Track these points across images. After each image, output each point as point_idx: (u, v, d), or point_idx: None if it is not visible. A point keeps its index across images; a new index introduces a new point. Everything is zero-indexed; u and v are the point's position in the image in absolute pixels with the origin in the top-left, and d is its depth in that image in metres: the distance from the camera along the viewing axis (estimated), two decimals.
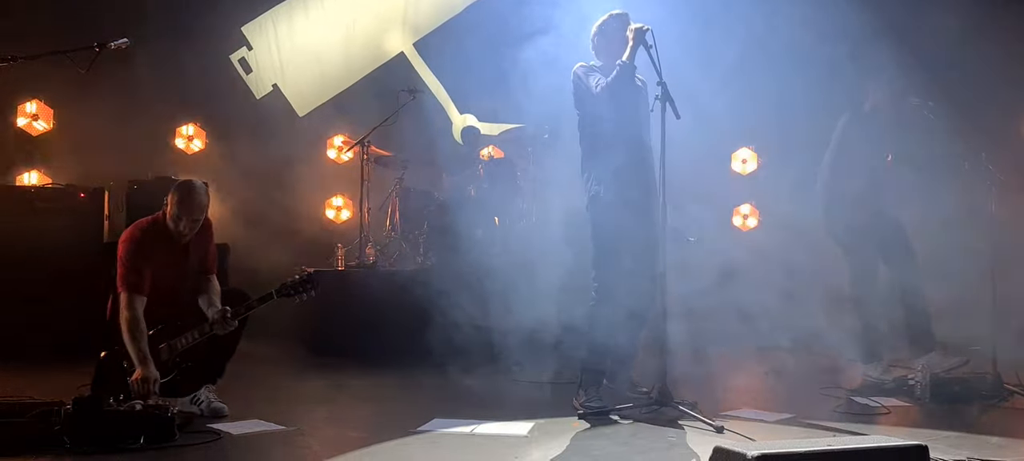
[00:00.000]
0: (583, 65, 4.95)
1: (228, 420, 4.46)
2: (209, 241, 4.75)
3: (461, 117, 9.10)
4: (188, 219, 4.50)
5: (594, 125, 4.92)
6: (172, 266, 4.56)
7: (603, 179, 4.85)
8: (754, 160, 8.98)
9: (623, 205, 4.78)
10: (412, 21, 9.07)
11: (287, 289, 4.58)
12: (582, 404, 4.74)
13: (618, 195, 4.80)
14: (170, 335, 4.48)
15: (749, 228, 8.91)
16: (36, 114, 7.98)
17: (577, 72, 4.93)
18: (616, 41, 4.85)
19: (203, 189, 4.59)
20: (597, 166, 4.89)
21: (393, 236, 7.90)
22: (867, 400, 5.17)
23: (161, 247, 4.54)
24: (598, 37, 4.99)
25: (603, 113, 4.83)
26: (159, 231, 4.55)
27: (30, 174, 7.88)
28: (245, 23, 8.64)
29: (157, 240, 4.54)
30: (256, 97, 8.70)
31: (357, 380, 5.89)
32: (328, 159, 8.82)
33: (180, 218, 4.48)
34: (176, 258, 4.58)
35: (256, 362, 6.30)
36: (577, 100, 4.96)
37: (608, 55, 4.89)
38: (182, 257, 4.60)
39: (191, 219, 4.51)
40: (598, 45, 5.00)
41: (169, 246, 4.56)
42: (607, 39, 4.94)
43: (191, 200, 4.50)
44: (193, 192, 4.52)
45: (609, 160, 4.83)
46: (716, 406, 4.90)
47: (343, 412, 5.00)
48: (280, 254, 7.98)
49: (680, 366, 5.29)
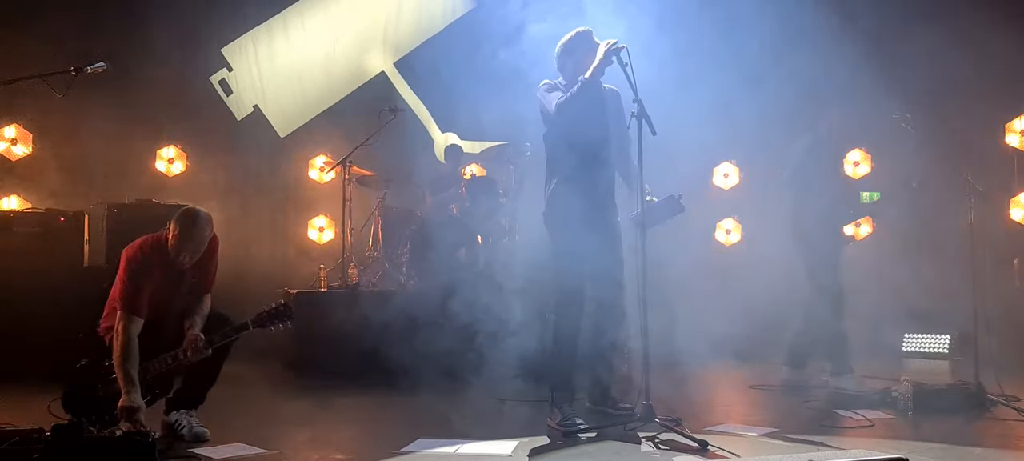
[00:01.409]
0: (547, 82, 5.00)
1: (209, 444, 4.42)
2: (209, 261, 4.64)
3: (443, 136, 9.11)
4: (189, 252, 4.44)
5: (554, 140, 4.97)
6: (167, 289, 4.50)
7: (559, 193, 4.89)
8: (736, 175, 9.03)
9: (579, 219, 4.81)
10: (393, 41, 9.09)
11: (262, 319, 4.51)
12: (558, 423, 4.74)
13: (574, 209, 4.83)
14: (145, 357, 4.39)
15: (732, 243, 8.95)
16: (15, 138, 7.94)
17: (539, 89, 4.98)
18: (581, 58, 4.87)
19: (207, 221, 4.49)
20: (555, 180, 4.94)
21: (376, 256, 7.89)
22: (850, 413, 5.19)
23: (161, 269, 4.47)
24: (562, 55, 5.01)
25: (563, 129, 4.87)
26: (162, 253, 4.47)
27: (9, 199, 7.83)
28: (225, 45, 8.63)
29: (159, 261, 4.46)
30: (237, 118, 8.68)
31: (340, 401, 5.85)
32: (310, 179, 8.81)
33: (181, 250, 4.41)
34: (174, 282, 4.52)
35: (238, 384, 6.26)
36: (541, 117, 5.02)
37: (572, 73, 4.91)
38: (179, 280, 4.53)
39: (192, 251, 4.45)
40: (562, 63, 5.02)
41: (168, 270, 4.48)
42: (571, 56, 4.95)
43: (193, 233, 4.43)
44: (196, 224, 4.44)
45: (566, 174, 4.87)
46: (699, 422, 4.90)
47: (326, 434, 4.97)
48: (262, 276, 7.97)
49: (663, 382, 5.30)
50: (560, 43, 5.04)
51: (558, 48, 5.04)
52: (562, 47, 5.02)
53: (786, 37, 7.47)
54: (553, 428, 4.72)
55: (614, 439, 4.56)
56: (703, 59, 7.32)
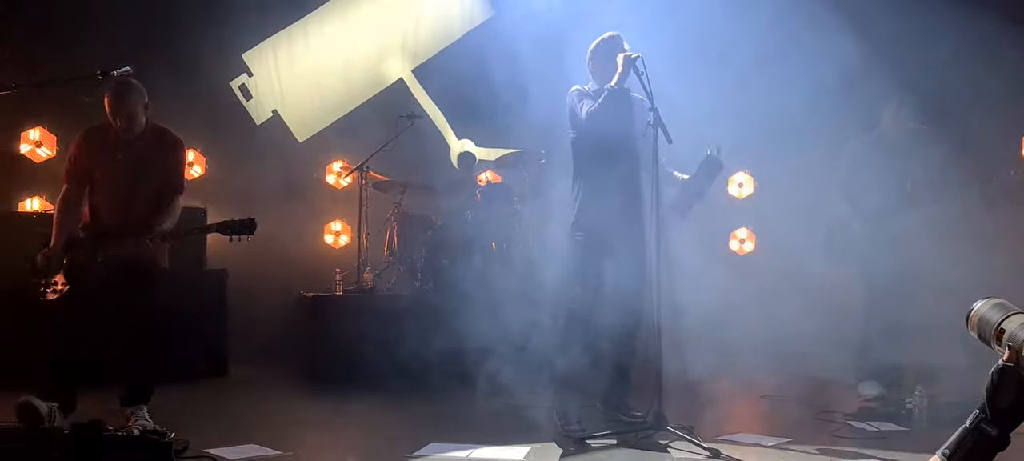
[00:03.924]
0: (577, 88, 5.04)
1: (225, 446, 4.47)
2: (170, 153, 4.94)
3: (459, 142, 9.15)
4: (123, 116, 4.74)
5: (582, 147, 5.00)
6: (117, 166, 4.81)
7: (587, 200, 4.92)
8: (751, 184, 9.02)
9: (606, 227, 4.84)
10: (411, 48, 9.14)
11: (226, 227, 4.59)
12: (562, 428, 4.78)
13: (601, 217, 4.85)
14: (106, 240, 4.70)
15: (746, 252, 8.94)
16: (39, 141, 8.04)
17: (571, 95, 5.04)
18: (609, 64, 4.93)
19: (134, 87, 4.76)
20: (583, 187, 4.97)
21: (391, 261, 7.93)
22: (864, 424, 5.18)
23: (102, 146, 4.83)
24: (592, 61, 5.08)
25: (591, 136, 4.91)
26: (100, 133, 4.86)
27: (32, 200, 7.92)
28: (246, 50, 8.71)
29: (98, 140, 4.85)
30: (256, 123, 8.76)
31: (354, 405, 5.89)
32: (327, 184, 8.87)
33: (116, 115, 4.75)
34: (121, 159, 4.81)
35: (253, 387, 6.33)
36: (570, 122, 5.06)
37: (602, 78, 4.98)
38: (132, 160, 4.81)
39: (125, 115, 4.74)
40: (593, 69, 5.10)
41: (110, 146, 4.82)
42: (600, 61, 5.03)
43: (122, 96, 4.73)
44: (123, 89, 4.73)
45: (595, 181, 4.90)
46: (712, 431, 4.91)
47: (340, 437, 5.01)
48: (278, 279, 8.01)
49: (675, 390, 5.30)
50: (590, 47, 5.10)
51: (589, 52, 5.10)
52: (592, 51, 5.09)
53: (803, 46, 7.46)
54: (559, 431, 4.76)
55: (625, 447, 4.57)
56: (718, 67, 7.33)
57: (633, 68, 4.73)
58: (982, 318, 2.35)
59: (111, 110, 4.76)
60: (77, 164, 4.88)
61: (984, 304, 2.38)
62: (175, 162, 4.97)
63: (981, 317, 2.36)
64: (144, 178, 4.85)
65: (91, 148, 4.88)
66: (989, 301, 2.38)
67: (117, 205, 4.84)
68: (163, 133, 4.97)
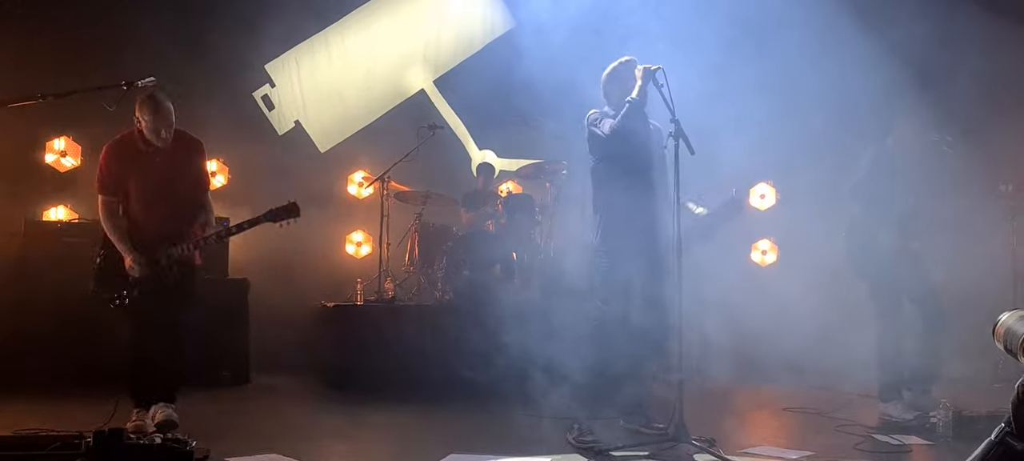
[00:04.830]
0: (595, 112, 5.04)
1: (245, 454, 4.49)
2: (199, 157, 5.19)
3: (480, 153, 9.17)
4: (165, 126, 4.91)
5: (605, 167, 4.99)
6: (151, 174, 4.99)
7: (609, 222, 4.91)
8: (773, 195, 8.97)
9: (628, 248, 4.83)
10: (433, 59, 9.18)
11: (274, 213, 5.10)
12: (574, 439, 4.76)
13: (623, 237, 4.85)
14: (171, 243, 4.95)
15: (768, 263, 8.89)
16: (64, 150, 8.12)
17: (590, 118, 5.03)
18: (625, 86, 4.92)
19: (166, 95, 4.95)
20: (604, 208, 4.96)
21: (412, 271, 7.95)
22: (888, 438, 5.12)
23: (134, 157, 4.98)
24: (608, 83, 5.06)
25: (613, 154, 4.90)
26: (132, 143, 4.99)
27: (57, 209, 8.01)
28: (269, 61, 8.77)
29: (130, 150, 4.99)
30: (278, 133, 8.81)
31: (375, 414, 5.90)
32: (348, 194, 8.90)
33: (159, 127, 4.89)
34: (155, 167, 4.99)
35: (274, 396, 6.35)
36: (590, 146, 5.05)
37: (619, 100, 4.97)
38: (166, 167, 5.00)
39: (167, 125, 4.92)
40: (609, 91, 5.08)
41: (143, 156, 4.98)
42: (617, 85, 5.01)
43: (160, 109, 4.89)
44: (158, 101, 4.89)
45: (616, 201, 4.89)
46: (734, 443, 4.87)
47: (361, 447, 5.02)
48: (300, 289, 8.04)
49: (698, 402, 5.27)
50: (605, 72, 5.10)
51: (604, 76, 5.10)
52: (607, 75, 5.09)
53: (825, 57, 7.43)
54: (570, 442, 4.74)
55: (654, 458, 4.55)
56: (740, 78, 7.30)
57: (652, 80, 4.72)
58: (1008, 330, 2.32)
59: (153, 121, 4.88)
60: (112, 175, 5.02)
61: (1010, 316, 2.34)
62: (203, 163, 5.24)
63: (1007, 329, 2.33)
64: (179, 183, 5.08)
65: (123, 159, 5.01)
66: (1016, 313, 2.35)
67: (157, 211, 5.02)
68: (185, 137, 5.13)
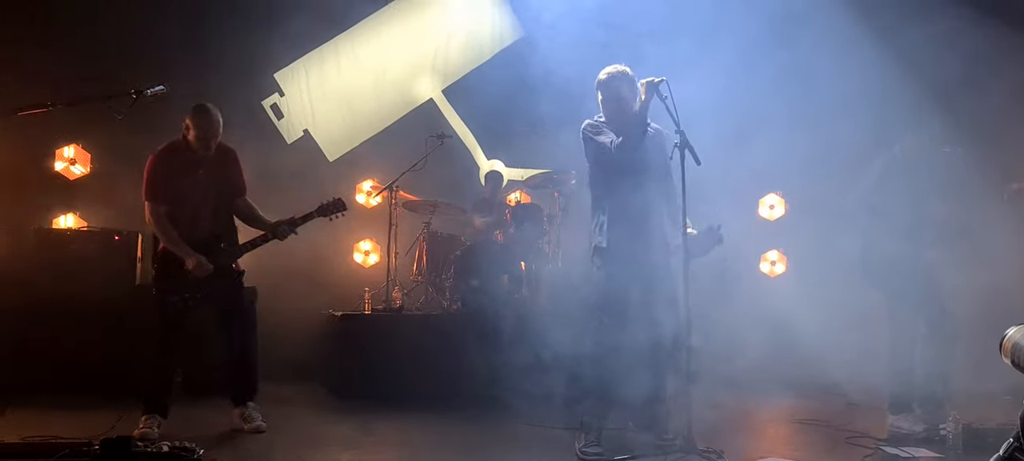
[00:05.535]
0: (590, 122, 5.01)
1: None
2: (236, 163, 5.50)
3: (488, 162, 9.18)
4: (213, 135, 5.21)
5: (601, 178, 4.98)
6: (194, 182, 5.24)
7: (609, 228, 4.89)
8: (781, 206, 8.95)
9: (629, 254, 4.81)
10: (441, 68, 9.20)
11: (324, 209, 5.62)
12: (580, 450, 4.75)
13: (624, 245, 4.83)
14: (227, 240, 5.38)
15: (777, 274, 8.87)
16: (74, 159, 8.16)
17: (585, 129, 4.99)
18: (620, 96, 4.89)
19: (213, 106, 5.25)
20: (603, 215, 4.94)
21: (420, 280, 7.95)
22: (897, 450, 5.09)
23: (180, 165, 5.22)
24: (602, 92, 5.02)
25: (612, 166, 4.88)
26: (178, 151, 5.24)
27: (67, 217, 8.04)
28: (278, 70, 8.81)
29: (176, 159, 5.23)
30: (287, 142, 8.84)
31: (382, 425, 5.89)
32: (357, 203, 8.92)
33: (207, 137, 5.18)
34: (198, 175, 5.25)
35: (281, 405, 6.35)
36: (586, 154, 5.03)
37: (613, 110, 4.93)
38: (211, 175, 5.30)
39: (214, 134, 5.21)
40: (602, 100, 5.03)
41: (188, 165, 5.23)
42: (610, 94, 4.96)
43: (209, 119, 5.19)
44: (208, 111, 5.20)
45: (615, 210, 4.88)
46: (742, 454, 4.85)
47: (367, 457, 5.01)
48: (307, 298, 8.05)
49: (707, 413, 5.25)
50: (599, 79, 5.05)
51: (597, 85, 5.05)
52: (601, 85, 5.03)
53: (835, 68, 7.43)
54: (577, 453, 4.73)
55: None
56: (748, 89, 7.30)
57: (656, 93, 4.70)
58: (1016, 344, 2.31)
59: (203, 131, 5.15)
60: (162, 182, 5.20)
61: (1018, 330, 2.33)
62: (240, 168, 5.56)
63: (1015, 343, 2.32)
64: (222, 189, 5.40)
65: (171, 168, 5.20)
66: (1023, 327, 2.33)
67: (204, 216, 5.29)
68: (221, 146, 5.36)
